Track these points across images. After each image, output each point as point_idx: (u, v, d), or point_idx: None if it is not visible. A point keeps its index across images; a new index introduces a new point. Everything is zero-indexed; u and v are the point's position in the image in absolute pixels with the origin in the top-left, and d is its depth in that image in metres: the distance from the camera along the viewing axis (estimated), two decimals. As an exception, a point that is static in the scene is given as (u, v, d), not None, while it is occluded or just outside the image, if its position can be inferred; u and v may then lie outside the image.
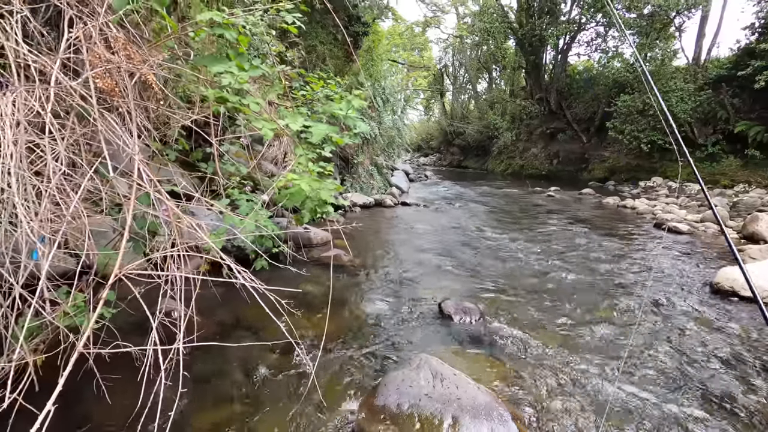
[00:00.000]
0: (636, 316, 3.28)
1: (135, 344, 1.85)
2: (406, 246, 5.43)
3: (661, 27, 16.06)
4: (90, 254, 1.83)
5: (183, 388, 1.90)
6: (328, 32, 9.42)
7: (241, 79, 1.67)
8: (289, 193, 2.02)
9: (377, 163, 10.62)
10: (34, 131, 1.59)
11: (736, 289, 3.74)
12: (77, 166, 1.91)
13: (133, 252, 2.19)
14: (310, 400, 2.05)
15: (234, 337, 2.65)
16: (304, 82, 4.24)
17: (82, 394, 1.91)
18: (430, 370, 2.16)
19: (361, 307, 3.29)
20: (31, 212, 1.61)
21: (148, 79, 1.70)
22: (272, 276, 3.23)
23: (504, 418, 1.92)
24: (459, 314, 3.10)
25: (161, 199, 1.88)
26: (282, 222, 4.69)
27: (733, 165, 13.01)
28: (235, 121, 3.28)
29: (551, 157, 20.64)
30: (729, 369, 2.54)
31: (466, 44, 28.16)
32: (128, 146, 1.81)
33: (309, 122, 2.10)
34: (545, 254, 5.18)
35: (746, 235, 6.26)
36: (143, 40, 1.95)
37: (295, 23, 1.87)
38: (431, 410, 1.94)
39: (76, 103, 1.63)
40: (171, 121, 2.38)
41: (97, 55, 1.60)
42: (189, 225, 1.84)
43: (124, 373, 1.89)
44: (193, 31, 1.84)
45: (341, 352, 2.53)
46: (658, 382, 2.37)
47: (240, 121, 2.27)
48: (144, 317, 2.33)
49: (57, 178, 1.58)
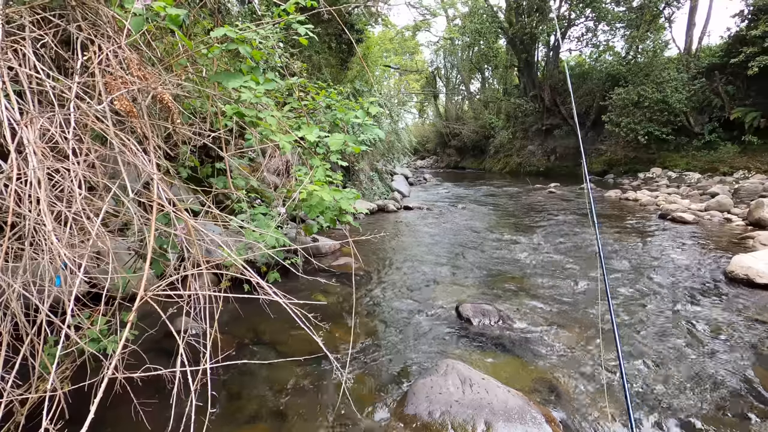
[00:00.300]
0: (656, 309, 3.26)
1: (156, 364, 1.84)
2: (414, 250, 5.42)
3: (650, 18, 16.16)
4: (114, 277, 1.82)
5: (213, 408, 1.88)
6: (322, 41, 9.46)
7: (258, 93, 1.66)
8: (309, 204, 2.01)
9: (377, 168, 10.64)
10: (55, 156, 1.58)
11: (751, 276, 3.73)
12: (95, 189, 1.91)
13: (153, 273, 2.17)
14: (340, 411, 2.03)
15: (257, 351, 2.63)
16: (305, 93, 4.25)
17: (109, 421, 1.88)
18: (458, 375, 2.14)
19: (378, 315, 3.27)
20: (53, 238, 1.59)
21: (164, 98, 1.70)
22: (284, 288, 3.20)
23: (537, 420, 1.90)
24: (477, 317, 3.08)
25: (181, 216, 1.87)
26: (290, 233, 4.68)
27: (731, 152, 13.05)
28: (242, 135, 3.28)
29: (548, 153, 20.69)
30: (753, 355, 2.53)
31: (457, 46, 28.27)
32: (146, 166, 1.80)
33: (322, 133, 2.09)
34: (555, 252, 5.17)
35: (752, 222, 6.26)
36: (155, 60, 1.94)
37: (308, 35, 1.88)
38: (463, 417, 1.92)
39: (95, 125, 1.62)
40: (182, 139, 2.37)
41: (113, 78, 1.60)
42: (210, 242, 1.82)
43: (148, 395, 1.87)
44: (207, 47, 1.83)
45: (365, 361, 2.51)
46: (687, 376, 2.35)
47: (251, 135, 2.27)
48: (160, 335, 2.31)
49: (79, 201, 1.57)
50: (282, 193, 3.89)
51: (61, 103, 1.62)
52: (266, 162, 5.20)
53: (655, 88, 14.51)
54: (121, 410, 1.82)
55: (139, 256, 2.52)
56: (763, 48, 11.63)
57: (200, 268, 1.77)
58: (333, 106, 3.37)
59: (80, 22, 1.89)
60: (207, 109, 2.11)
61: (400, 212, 8.79)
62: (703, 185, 11.13)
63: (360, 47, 11.04)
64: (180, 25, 1.58)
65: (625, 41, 17.68)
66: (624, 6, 16.58)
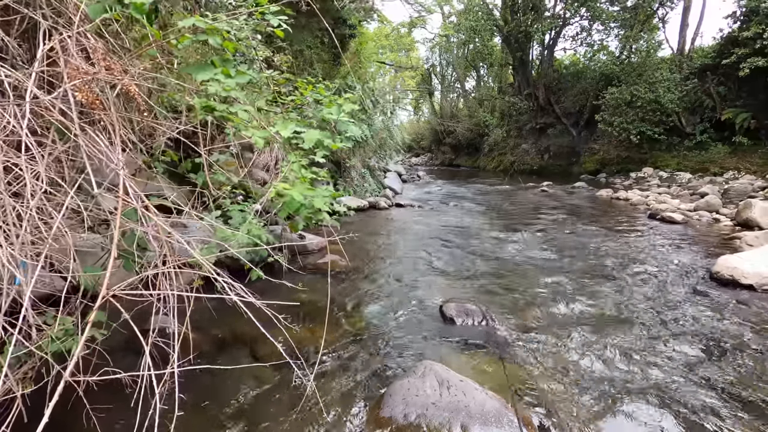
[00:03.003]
0: (639, 310, 3.25)
1: (128, 365, 1.78)
2: (402, 248, 5.37)
3: (644, 19, 16.20)
4: (76, 275, 1.75)
5: (179, 411, 1.82)
6: (314, 36, 9.35)
7: (227, 86, 1.60)
8: (283, 202, 1.95)
9: (369, 165, 10.56)
10: (11, 150, 1.51)
11: (736, 277, 3.73)
12: (60, 185, 1.83)
13: (125, 270, 2.10)
14: (312, 416, 1.98)
15: (230, 352, 2.57)
16: (293, 87, 4.17)
17: (74, 423, 1.82)
18: (436, 377, 2.10)
19: (359, 314, 3.23)
20: (12, 236, 1.53)
21: (131, 90, 1.63)
22: (268, 285, 3.13)
23: (515, 423, 1.87)
24: (461, 317, 3.04)
25: (148, 214, 1.81)
26: (276, 229, 4.61)
27: (722, 152, 13.13)
28: (224, 130, 3.20)
29: (542, 152, 20.71)
30: (738, 356, 2.52)
31: (452, 43, 28.17)
32: (112, 161, 1.74)
33: (300, 128, 2.04)
34: (544, 251, 5.15)
35: (740, 222, 6.29)
36: (124, 50, 1.87)
37: (281, 26, 1.81)
38: (439, 420, 1.88)
39: (55, 118, 1.55)
40: (157, 133, 2.31)
41: (75, 67, 1.53)
42: (178, 240, 1.76)
43: (118, 396, 1.81)
44: (176, 38, 1.76)
45: (342, 363, 2.47)
46: (668, 378, 2.33)
47: (229, 129, 2.20)
48: (135, 335, 2.25)
49: (37, 198, 1.51)
50: (268, 188, 3.82)
51: (17, 94, 1.55)
52: (255, 157, 5.13)
53: (648, 88, 14.56)
54: (84, 413, 1.76)
55: (108, 254, 2.45)
56: (755, 49, 11.68)
57: (167, 267, 1.71)
58: (322, 102, 3.31)
59: (45, 10, 1.82)
60: (180, 102, 2.04)
61: (392, 209, 8.74)
62: (693, 185, 11.19)
63: (353, 42, 10.94)
64: (146, 14, 1.51)
65: (618, 41, 17.71)
66: (618, 6, 16.59)
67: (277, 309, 1.82)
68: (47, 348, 1.60)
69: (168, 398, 1.66)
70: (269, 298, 1.83)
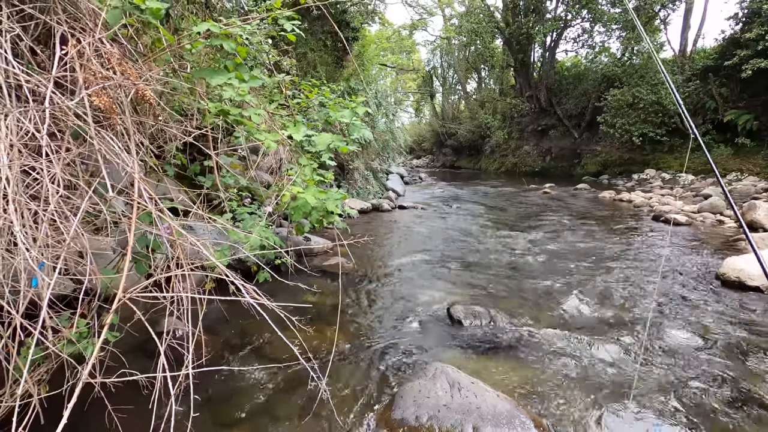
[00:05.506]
0: (647, 312, 3.25)
1: (141, 367, 1.79)
2: (407, 250, 5.38)
3: (646, 20, 16.22)
4: (92, 278, 1.77)
5: (195, 413, 1.83)
6: (318, 39, 9.39)
7: (242, 90, 1.62)
8: (295, 205, 1.96)
9: (372, 167, 10.58)
10: (30, 153, 1.53)
11: (743, 279, 3.73)
12: (74, 188, 1.85)
13: (136, 272, 2.12)
14: (324, 417, 1.99)
15: (242, 354, 2.58)
16: (297, 90, 4.20)
17: (90, 425, 1.83)
18: (447, 379, 2.11)
19: (368, 316, 3.24)
20: (29, 238, 1.54)
21: (146, 95, 1.65)
22: (275, 287, 3.16)
23: (526, 425, 1.87)
24: (469, 318, 3.05)
25: (162, 217, 1.82)
26: (282, 232, 4.63)
27: (725, 154, 13.13)
28: (232, 132, 3.22)
29: (544, 153, 20.73)
30: (747, 358, 2.52)
31: (453, 45, 28.24)
32: (127, 164, 1.75)
33: (310, 131, 2.05)
34: (548, 253, 5.15)
35: (745, 224, 6.27)
36: (138, 55, 1.89)
37: (294, 31, 1.83)
38: (451, 421, 1.89)
39: (72, 122, 1.57)
40: (168, 136, 2.32)
41: (91, 73, 1.55)
42: (192, 243, 1.78)
43: (132, 398, 1.82)
44: (190, 43, 1.78)
45: (353, 365, 2.47)
46: (678, 380, 2.33)
47: (239, 132, 2.22)
48: (146, 337, 2.26)
49: (55, 200, 1.52)
50: (274, 191, 3.84)
51: (36, 98, 1.57)
52: (259, 160, 5.14)
53: (650, 90, 14.57)
54: (101, 415, 1.77)
55: (121, 257, 2.47)
56: (757, 51, 11.69)
57: (182, 269, 1.73)
58: (326, 105, 3.32)
59: (60, 15, 1.84)
60: (194, 106, 2.06)
61: (395, 211, 8.75)
62: (696, 187, 11.19)
63: (356, 45, 10.98)
64: (161, 19, 1.53)
65: (620, 43, 17.74)
66: (620, 7, 16.62)
67: (287, 310, 1.83)
68: (64, 349, 1.61)
69: (183, 399, 1.68)
70: (278, 300, 1.84)
